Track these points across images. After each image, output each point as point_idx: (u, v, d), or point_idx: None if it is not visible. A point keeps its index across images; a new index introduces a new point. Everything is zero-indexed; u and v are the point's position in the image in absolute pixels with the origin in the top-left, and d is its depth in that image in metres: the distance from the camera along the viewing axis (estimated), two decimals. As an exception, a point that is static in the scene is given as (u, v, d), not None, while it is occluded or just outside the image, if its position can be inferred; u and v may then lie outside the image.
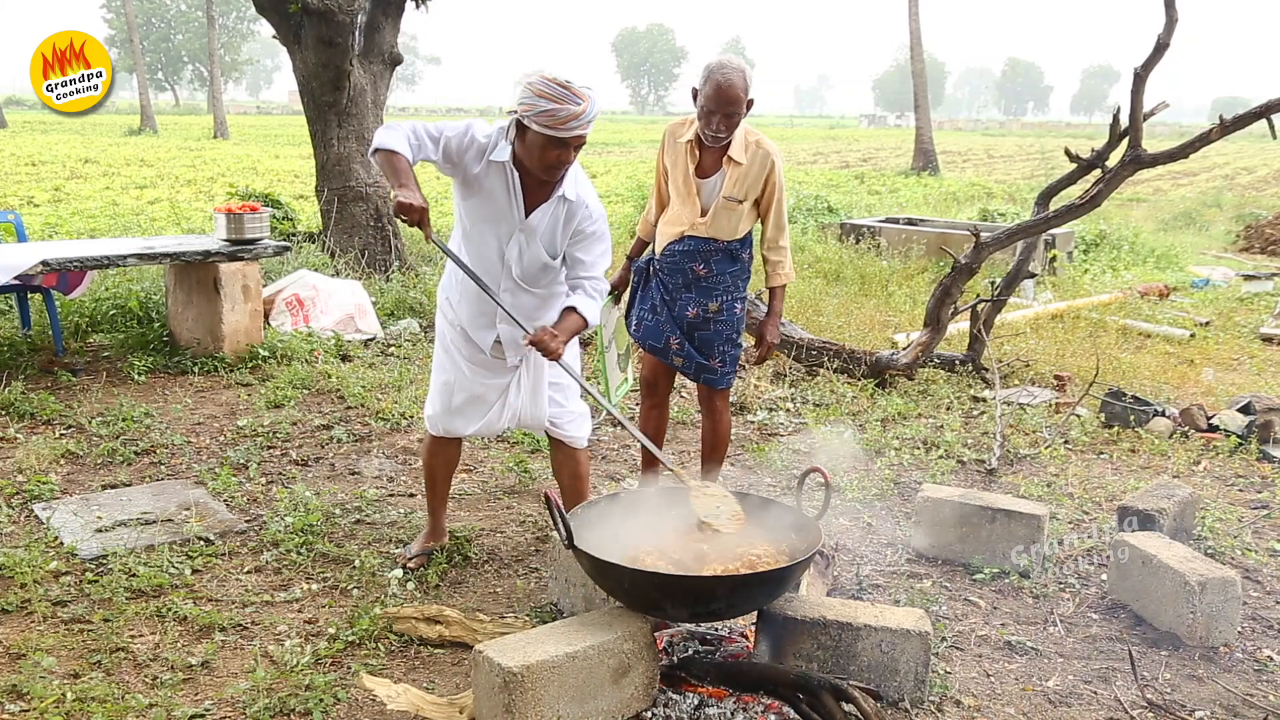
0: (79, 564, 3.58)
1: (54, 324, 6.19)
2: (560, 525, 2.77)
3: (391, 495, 4.40)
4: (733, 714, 2.73)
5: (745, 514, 3.09)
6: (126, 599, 3.33)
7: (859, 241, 11.31)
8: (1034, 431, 5.50)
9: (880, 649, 2.86)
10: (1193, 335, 7.95)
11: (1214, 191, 22.35)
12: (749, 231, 3.98)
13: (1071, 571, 3.83)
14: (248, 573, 3.61)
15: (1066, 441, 5.35)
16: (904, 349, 6.37)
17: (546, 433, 3.63)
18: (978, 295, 7.03)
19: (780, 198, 3.88)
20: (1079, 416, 5.67)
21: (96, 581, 3.44)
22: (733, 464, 4.88)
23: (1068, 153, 6.03)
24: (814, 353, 6.49)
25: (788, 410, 5.82)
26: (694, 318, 3.94)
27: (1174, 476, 4.77)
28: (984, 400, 6.01)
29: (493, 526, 4.13)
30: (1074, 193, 6.21)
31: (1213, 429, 5.43)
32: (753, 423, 5.61)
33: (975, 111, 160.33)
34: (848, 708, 2.65)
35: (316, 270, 7.68)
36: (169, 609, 3.27)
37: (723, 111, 3.63)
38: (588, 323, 3.29)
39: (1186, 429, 5.46)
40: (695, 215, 3.87)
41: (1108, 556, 3.76)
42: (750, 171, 3.80)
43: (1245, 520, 4.39)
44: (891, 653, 2.86)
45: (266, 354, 6.19)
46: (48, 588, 3.39)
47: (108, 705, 2.75)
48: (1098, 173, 5.86)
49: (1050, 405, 5.92)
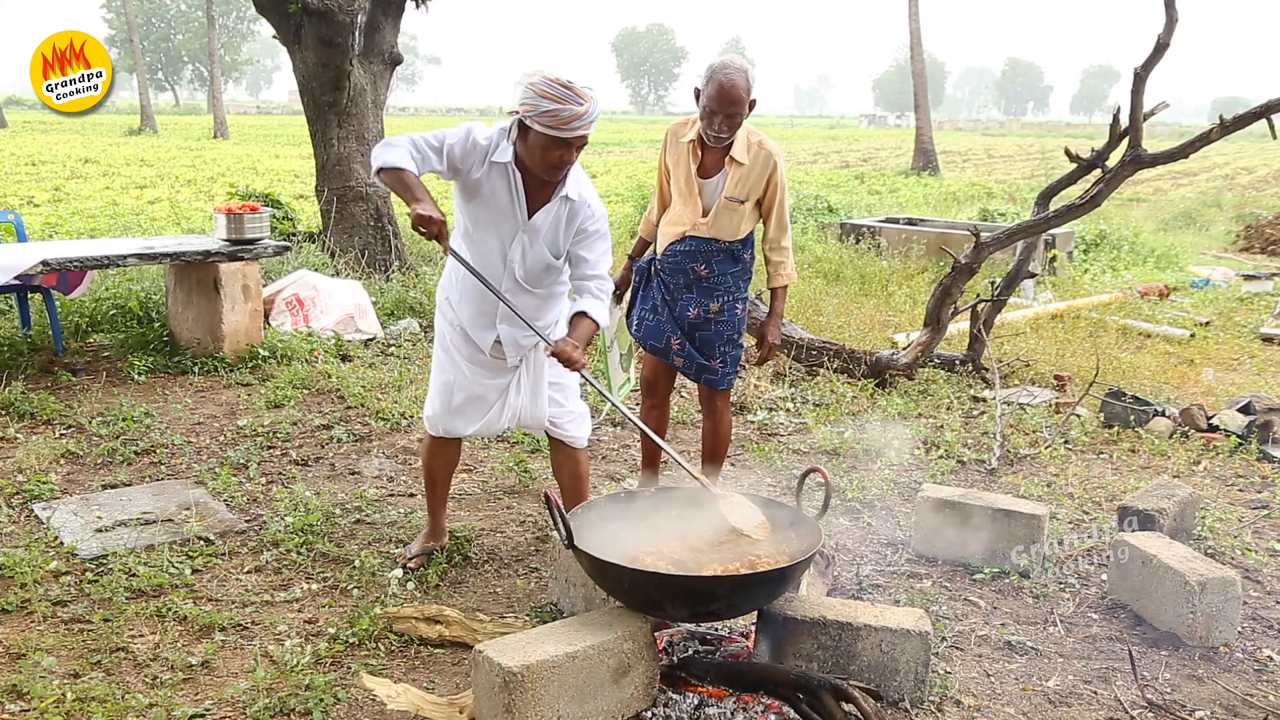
0: (79, 564, 3.58)
1: (54, 324, 6.19)
2: (560, 525, 2.77)
3: (391, 495, 4.40)
4: (733, 714, 2.73)
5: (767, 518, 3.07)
6: (126, 599, 3.33)
7: (859, 241, 11.31)
8: (1034, 431, 5.50)
9: (880, 649, 2.86)
10: (1193, 335, 7.95)
11: (1214, 191, 22.35)
12: (751, 232, 3.97)
13: (1071, 571, 3.83)
14: (248, 573, 3.61)
15: (1066, 441, 5.35)
16: (904, 349, 6.38)
17: (546, 433, 3.63)
18: (978, 295, 7.03)
19: (782, 198, 3.88)
20: (1079, 416, 5.67)
21: (96, 581, 3.44)
22: (733, 464, 4.89)
23: (1068, 153, 6.03)
24: (814, 353, 6.49)
25: (788, 410, 5.82)
26: (695, 318, 3.94)
27: (1174, 476, 4.77)
28: (984, 400, 6.01)
29: (493, 526, 4.13)
30: (1074, 193, 6.21)
31: (1213, 429, 5.43)
32: (753, 423, 5.61)
33: (975, 111, 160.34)
34: (848, 708, 2.65)
35: (316, 270, 7.68)
36: (169, 609, 3.27)
37: (725, 112, 3.62)
38: (599, 325, 3.28)
39: (1186, 429, 5.46)
40: (697, 215, 3.86)
41: (1108, 556, 3.76)
42: (752, 172, 3.80)
43: (1245, 520, 4.39)
44: (891, 653, 2.86)
45: (266, 354, 6.19)
46: (48, 588, 3.39)
47: (108, 705, 2.75)
48: (1098, 173, 5.87)
49: (1050, 405, 5.92)
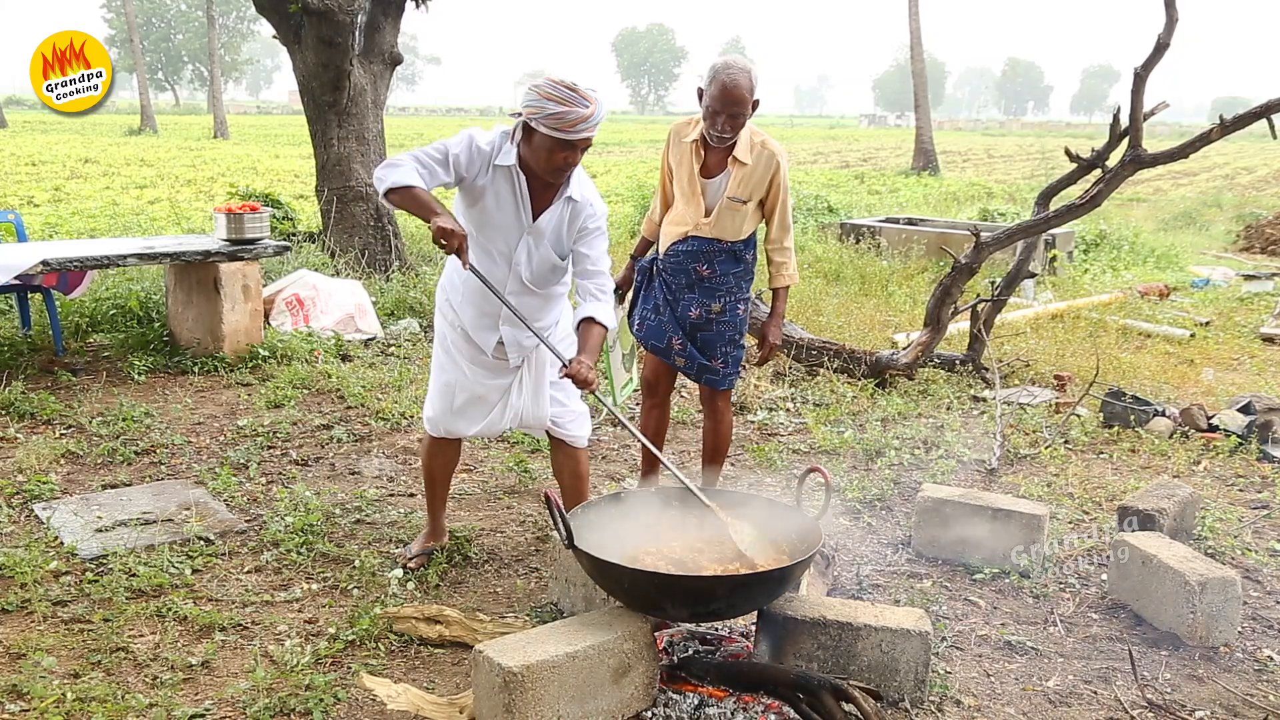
0: (79, 564, 3.58)
1: (54, 324, 6.19)
2: (560, 525, 2.77)
3: (391, 495, 4.40)
4: (733, 714, 2.73)
5: (773, 542, 3.04)
6: (126, 599, 3.33)
7: (859, 241, 11.31)
8: (1034, 431, 5.50)
9: (880, 649, 2.86)
10: (1193, 335, 7.95)
11: (1214, 191, 22.35)
12: (753, 232, 3.97)
13: (1071, 571, 3.83)
14: (248, 573, 3.61)
15: (1066, 441, 5.35)
16: (904, 349, 6.37)
17: (547, 432, 3.62)
18: (978, 295, 7.03)
19: (785, 199, 3.88)
20: (1079, 416, 5.67)
21: (96, 581, 3.44)
22: (733, 464, 4.89)
23: (1068, 153, 6.03)
24: (814, 353, 6.49)
25: (788, 410, 5.82)
26: (697, 318, 3.93)
27: (1174, 476, 4.77)
28: (984, 400, 6.01)
29: (493, 526, 4.13)
30: (1074, 193, 6.21)
31: (1213, 429, 5.43)
32: (753, 423, 5.61)
33: (975, 111, 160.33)
34: (848, 708, 2.65)
35: (316, 270, 7.68)
36: (169, 609, 3.27)
37: (728, 112, 3.62)
38: (607, 328, 3.26)
39: (1187, 429, 5.45)
40: (699, 215, 3.86)
41: (1108, 556, 3.76)
42: (755, 172, 3.80)
43: (1245, 520, 4.38)
44: (891, 652, 2.86)
45: (266, 354, 6.19)
46: (48, 588, 3.39)
47: (108, 705, 2.75)
48: (1098, 173, 5.87)
49: (1050, 405, 5.92)
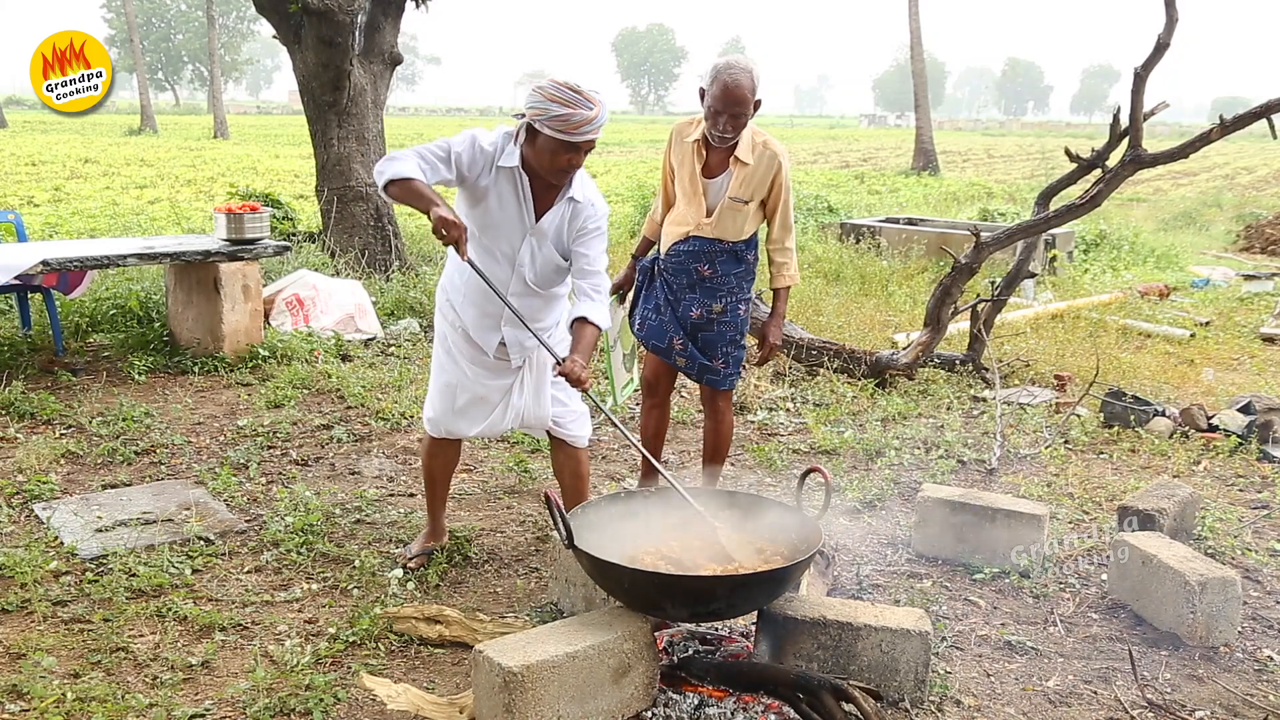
0: (79, 564, 3.58)
1: (54, 324, 6.19)
2: (560, 525, 2.77)
3: (391, 495, 4.40)
4: (733, 714, 2.73)
5: (755, 544, 3.06)
6: (126, 599, 3.33)
7: (859, 241, 11.31)
8: (1034, 431, 5.50)
9: (880, 649, 2.86)
10: (1193, 335, 7.95)
11: (1214, 191, 22.35)
12: (754, 233, 3.97)
13: (1071, 571, 3.83)
14: (248, 573, 3.61)
15: (1066, 441, 5.35)
16: (904, 349, 6.38)
17: (548, 432, 3.63)
18: (978, 295, 7.03)
19: (787, 199, 3.87)
20: (1079, 416, 5.67)
21: (96, 581, 3.44)
22: (733, 464, 4.89)
23: (1068, 153, 6.03)
24: (814, 353, 6.49)
25: (788, 410, 5.82)
26: (698, 318, 3.93)
27: (1174, 476, 4.77)
28: (984, 400, 6.01)
29: (493, 526, 4.13)
30: (1074, 193, 6.21)
31: (1213, 429, 5.43)
32: (753, 423, 5.61)
33: (975, 111, 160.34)
34: (848, 708, 2.65)
35: (316, 270, 7.68)
36: (169, 609, 3.27)
37: (730, 112, 3.62)
38: (601, 329, 3.26)
39: (1187, 429, 5.45)
40: (701, 215, 3.86)
41: (1108, 556, 3.76)
42: (757, 172, 3.80)
43: (1245, 520, 4.38)
44: (891, 652, 2.86)
45: (266, 354, 6.19)
46: (48, 588, 3.39)
47: (108, 705, 2.75)
48: (1098, 173, 5.87)
49: (1050, 405, 5.92)
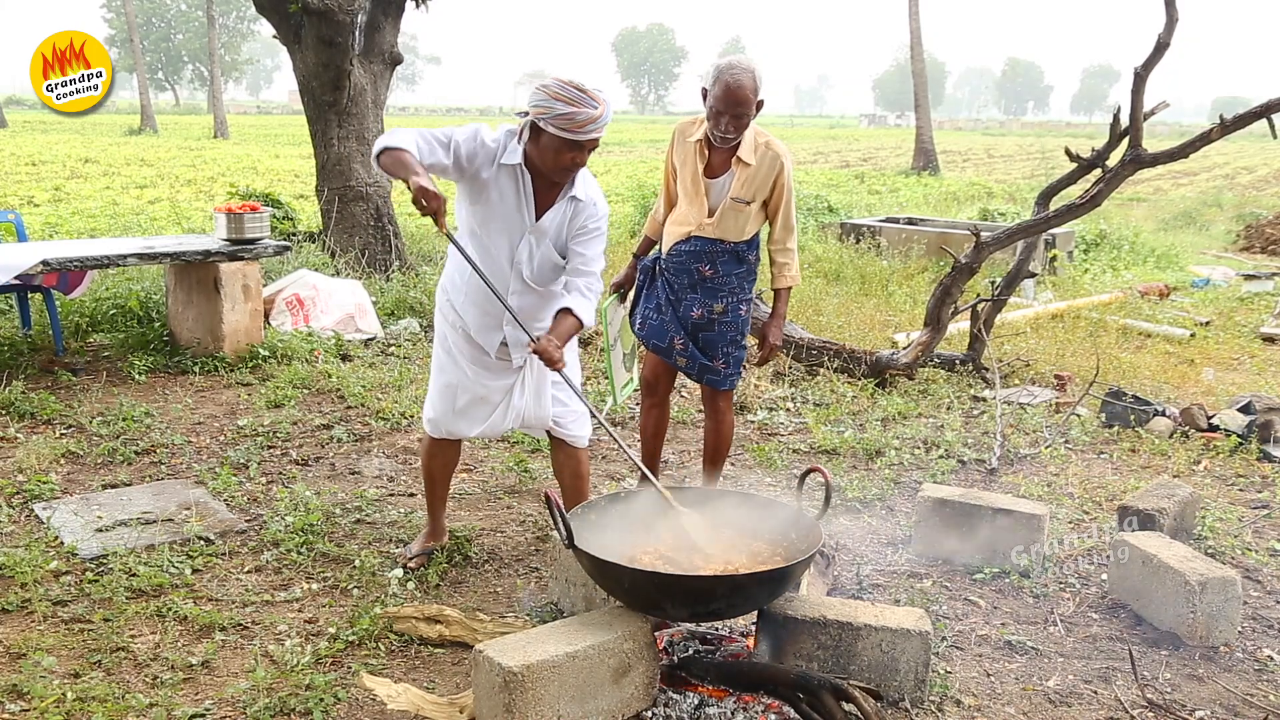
0: (79, 564, 3.58)
1: (54, 324, 6.19)
2: (560, 525, 2.77)
3: (392, 495, 4.40)
4: (733, 714, 2.73)
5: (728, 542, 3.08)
6: (126, 599, 3.33)
7: (859, 241, 11.31)
8: (1034, 431, 5.50)
9: (880, 648, 2.86)
10: (1193, 335, 7.95)
11: (1214, 191, 22.35)
12: (756, 233, 3.97)
13: (1071, 571, 3.83)
14: (248, 572, 3.61)
15: (1066, 441, 5.35)
16: (904, 349, 6.37)
17: (548, 432, 3.62)
18: (978, 295, 7.03)
19: (789, 199, 3.87)
20: (1079, 416, 5.67)
21: (96, 581, 3.44)
22: (733, 464, 4.88)
23: (1068, 152, 6.03)
24: (814, 352, 6.49)
25: (788, 410, 5.82)
26: (699, 318, 3.93)
27: (1174, 476, 4.77)
28: (984, 400, 6.01)
29: (493, 526, 4.13)
30: (1074, 192, 6.21)
31: (1213, 429, 5.43)
32: (753, 422, 5.61)
33: (975, 111, 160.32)
34: (848, 707, 2.65)
35: (316, 270, 7.68)
36: (169, 609, 3.27)
37: (731, 112, 3.61)
38: (583, 324, 3.25)
39: (1187, 429, 5.45)
40: (702, 216, 3.86)
41: (1108, 556, 3.76)
42: (759, 173, 3.79)
43: (1245, 520, 4.38)
44: (891, 652, 2.86)
45: (266, 354, 6.19)
46: (48, 587, 3.39)
47: (108, 705, 2.75)
48: (1098, 172, 5.87)
49: (1050, 405, 5.92)
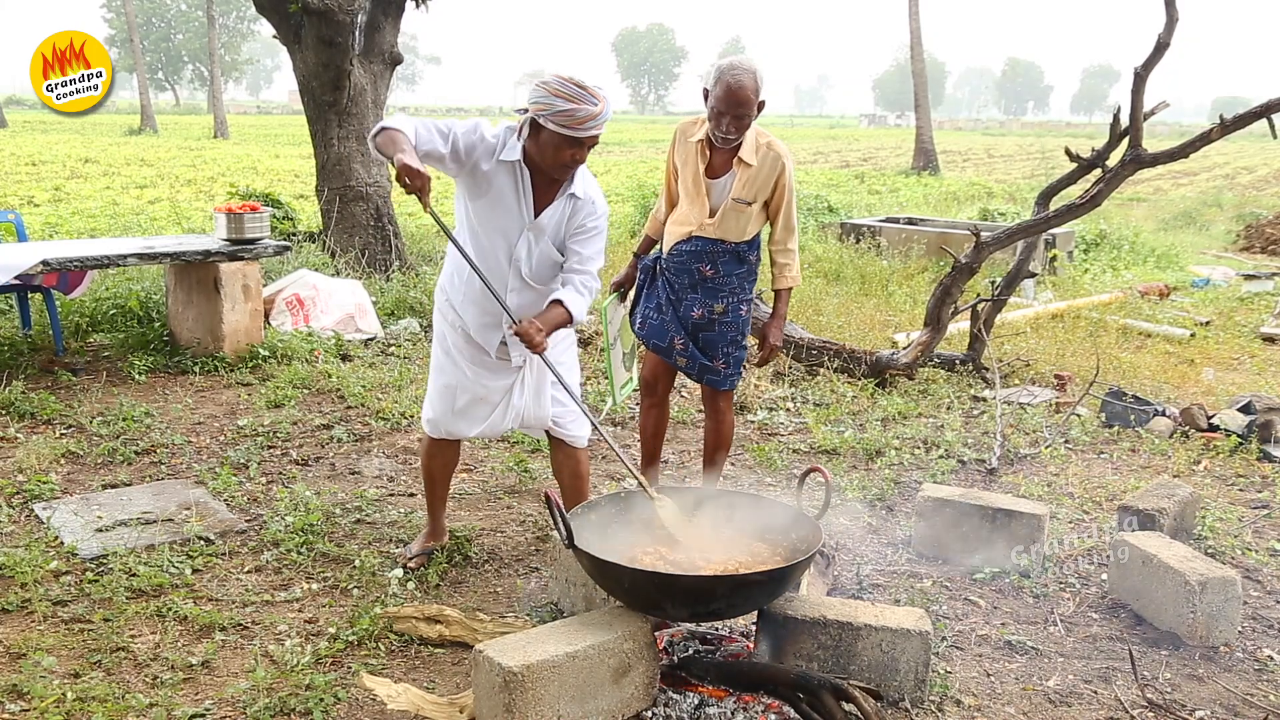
0: (79, 564, 3.58)
1: (54, 324, 6.19)
2: (560, 525, 2.77)
3: (392, 495, 4.40)
4: (733, 714, 2.73)
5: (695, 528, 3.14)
6: (126, 599, 3.33)
7: (859, 241, 11.31)
8: (1034, 431, 5.50)
9: (880, 648, 2.86)
10: (1193, 335, 7.95)
11: (1214, 191, 22.35)
12: (757, 234, 3.97)
13: (1071, 571, 3.83)
14: (248, 572, 3.61)
15: (1066, 441, 5.35)
16: (904, 349, 6.37)
17: (547, 432, 3.62)
18: (978, 295, 7.03)
19: (790, 200, 3.87)
20: (1079, 416, 5.67)
21: (96, 581, 3.44)
22: (733, 464, 4.88)
23: (1068, 152, 6.03)
24: (814, 352, 6.49)
25: (788, 410, 5.82)
26: (699, 318, 3.93)
27: (1174, 476, 4.77)
28: (984, 400, 6.01)
29: (493, 526, 4.13)
30: (1074, 192, 6.21)
31: (1213, 428, 5.43)
32: (753, 422, 5.61)
33: (975, 111, 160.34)
34: (848, 707, 2.65)
35: (317, 270, 7.68)
36: (169, 609, 3.27)
37: (733, 113, 3.61)
38: (572, 318, 3.22)
39: (1187, 429, 5.45)
40: (703, 216, 3.86)
41: (1108, 556, 3.76)
42: (760, 174, 3.79)
43: (1245, 520, 4.39)
44: (892, 652, 2.86)
45: (267, 354, 6.19)
46: (48, 587, 3.39)
47: (108, 705, 2.75)
48: (1098, 172, 5.87)
49: (1050, 405, 5.92)
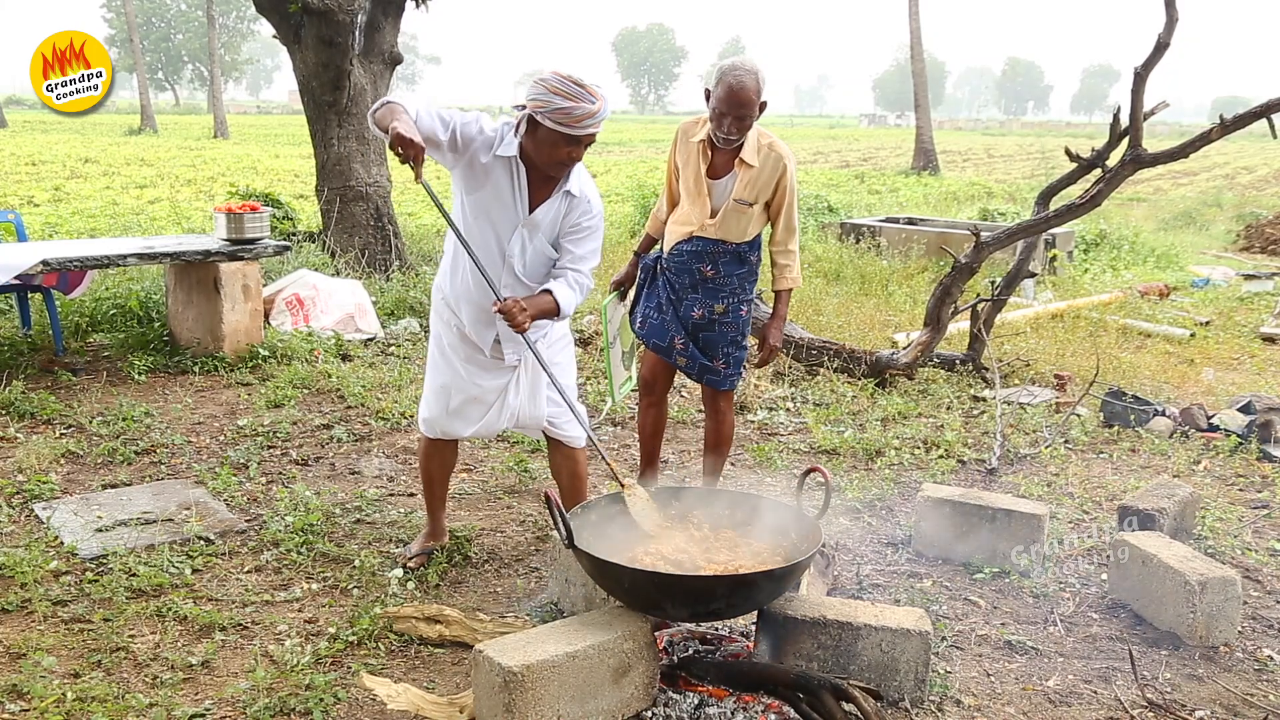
0: (79, 564, 3.58)
1: (54, 324, 6.19)
2: (560, 525, 2.77)
3: (391, 495, 4.40)
4: (733, 714, 2.73)
5: (666, 524, 3.16)
6: (126, 599, 3.33)
7: (859, 241, 11.31)
8: (1034, 431, 5.50)
9: (880, 648, 2.86)
10: (1193, 335, 7.95)
11: (1214, 191, 22.35)
12: (758, 234, 3.97)
13: (1071, 571, 3.83)
14: (248, 572, 3.61)
15: (1066, 441, 5.35)
16: (904, 348, 6.37)
17: (545, 433, 3.62)
18: (978, 295, 7.03)
19: (792, 201, 3.87)
20: (1079, 416, 5.67)
21: (96, 581, 3.44)
22: (733, 463, 4.88)
23: (1068, 152, 6.03)
24: (814, 352, 6.49)
25: (788, 410, 5.82)
26: (699, 319, 3.93)
27: (1174, 476, 4.77)
28: (984, 400, 6.01)
29: (493, 526, 4.13)
30: (1074, 192, 6.21)
31: (1213, 428, 5.43)
32: (753, 422, 5.61)
33: (975, 111, 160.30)
34: (848, 707, 2.65)
35: (316, 270, 7.68)
36: (169, 609, 3.27)
37: (734, 114, 3.61)
38: (560, 310, 3.21)
39: (1187, 428, 5.46)
40: (705, 216, 3.86)
41: (1108, 556, 3.76)
42: (762, 174, 3.79)
43: (1245, 520, 4.39)
44: (891, 652, 2.86)
45: (266, 354, 6.19)
46: (48, 587, 3.39)
47: (108, 705, 2.75)
48: (1098, 172, 5.87)
49: (1050, 405, 5.92)
